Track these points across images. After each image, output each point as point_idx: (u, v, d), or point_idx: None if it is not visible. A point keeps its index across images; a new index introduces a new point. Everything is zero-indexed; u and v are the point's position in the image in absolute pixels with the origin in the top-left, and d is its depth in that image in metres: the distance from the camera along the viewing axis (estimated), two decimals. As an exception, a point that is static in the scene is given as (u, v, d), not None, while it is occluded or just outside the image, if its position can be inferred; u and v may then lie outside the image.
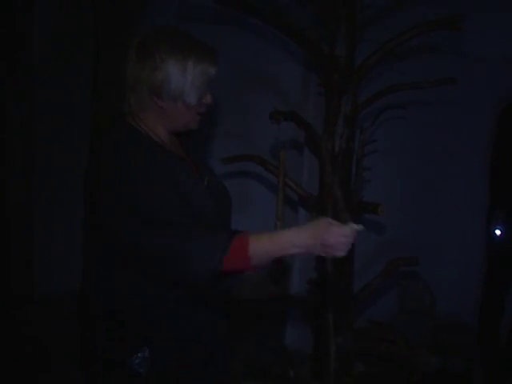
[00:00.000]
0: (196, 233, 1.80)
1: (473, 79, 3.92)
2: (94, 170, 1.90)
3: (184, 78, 1.88)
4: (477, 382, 3.91)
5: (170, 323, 1.92)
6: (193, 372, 1.99)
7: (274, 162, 3.14)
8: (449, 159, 4.20)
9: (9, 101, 3.19)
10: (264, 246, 1.79)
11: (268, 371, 3.63)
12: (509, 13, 3.92)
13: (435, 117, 4.11)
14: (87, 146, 3.34)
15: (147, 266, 1.84)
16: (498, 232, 4.05)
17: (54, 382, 3.29)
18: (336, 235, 1.77)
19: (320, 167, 3.19)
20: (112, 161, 1.85)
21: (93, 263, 1.97)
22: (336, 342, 3.09)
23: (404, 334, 3.90)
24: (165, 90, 1.88)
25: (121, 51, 1.98)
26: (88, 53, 3.42)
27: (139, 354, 1.88)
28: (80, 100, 3.46)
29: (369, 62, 3.10)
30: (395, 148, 3.99)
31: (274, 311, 3.87)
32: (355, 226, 1.81)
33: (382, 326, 4.02)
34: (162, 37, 1.89)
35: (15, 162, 3.26)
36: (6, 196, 3.28)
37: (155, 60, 1.86)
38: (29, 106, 3.25)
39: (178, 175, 1.91)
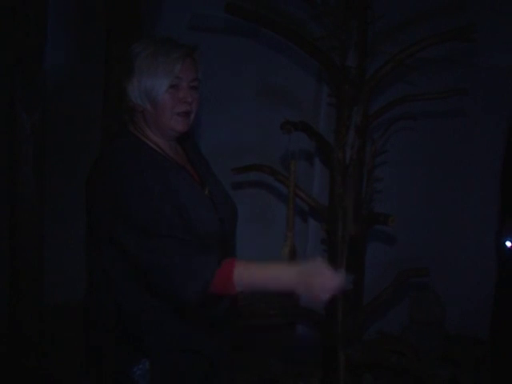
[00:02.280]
0: (187, 251, 1.80)
1: (484, 90, 3.92)
2: (93, 180, 1.92)
3: (147, 76, 1.92)
4: (488, 394, 3.89)
5: (171, 335, 1.92)
6: (194, 383, 1.99)
7: (285, 172, 3.14)
8: (460, 170, 4.19)
9: (21, 110, 3.21)
10: (250, 274, 1.79)
11: (277, 382, 3.62)
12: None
13: (446, 128, 4.10)
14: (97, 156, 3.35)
15: (143, 278, 1.85)
16: (508, 244, 4.03)
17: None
18: (324, 276, 1.75)
19: (331, 178, 3.19)
20: (109, 171, 1.88)
21: (94, 273, 1.98)
22: (346, 353, 3.08)
23: (414, 345, 3.88)
24: (135, 92, 1.94)
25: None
26: (99, 66, 3.44)
27: (140, 366, 1.89)
28: (90, 110, 3.47)
29: (380, 72, 3.10)
30: (406, 159, 3.98)
31: (283, 322, 3.86)
32: (345, 275, 1.79)
33: (392, 337, 4.01)
34: (136, 46, 1.97)
35: (25, 169, 3.28)
36: (15, 204, 3.29)
37: (128, 66, 1.94)
38: (40, 116, 3.27)
39: (176, 183, 1.92)
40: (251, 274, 1.79)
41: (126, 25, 3.42)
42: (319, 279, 1.75)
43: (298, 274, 1.77)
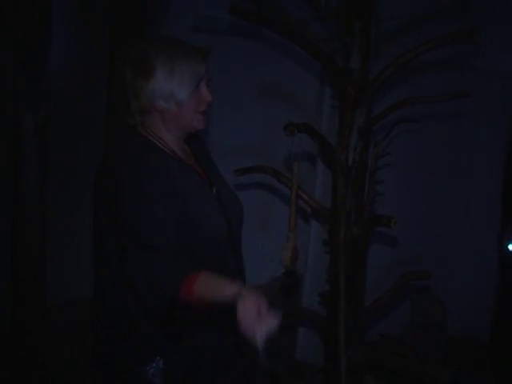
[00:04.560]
0: (160, 263, 1.79)
1: (487, 93, 3.92)
2: (99, 182, 1.93)
3: (171, 78, 1.93)
4: (489, 397, 3.89)
5: (184, 333, 1.92)
6: (207, 382, 2.00)
7: (288, 173, 3.15)
8: (462, 173, 4.19)
9: (25, 110, 3.22)
10: (207, 287, 1.77)
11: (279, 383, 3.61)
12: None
13: (449, 131, 4.10)
14: (101, 157, 3.35)
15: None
16: (510, 247, 4.03)
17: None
18: (249, 308, 1.69)
19: (333, 180, 3.19)
20: (114, 175, 1.89)
21: (104, 273, 1.98)
22: (347, 355, 3.08)
23: (415, 348, 3.88)
24: (156, 93, 1.94)
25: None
26: (103, 66, 3.44)
27: (153, 365, 1.89)
28: (94, 112, 3.48)
29: (383, 75, 3.10)
30: (409, 161, 3.98)
31: (285, 323, 3.86)
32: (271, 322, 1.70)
33: (393, 339, 4.01)
34: (150, 46, 1.97)
35: (29, 169, 3.29)
36: (18, 204, 3.30)
37: (145, 68, 1.94)
38: (44, 116, 3.28)
39: (183, 183, 1.93)
40: (208, 287, 1.77)
41: (129, 25, 3.42)
42: (243, 307, 1.68)
43: (236, 293, 1.71)
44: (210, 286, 1.77)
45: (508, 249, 4.00)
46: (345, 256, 3.08)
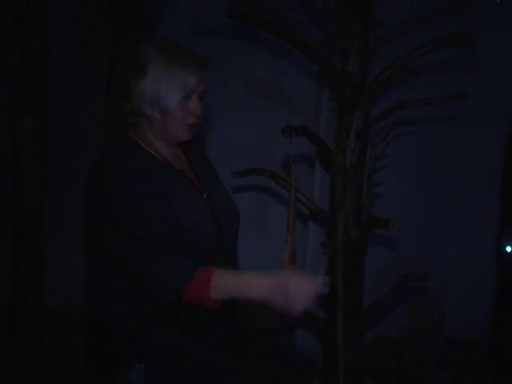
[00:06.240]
0: (165, 255, 1.78)
1: (485, 96, 3.92)
2: (88, 183, 1.93)
3: (159, 83, 1.89)
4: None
5: (166, 338, 1.91)
6: None
7: (286, 176, 3.15)
8: (460, 175, 4.19)
9: (23, 112, 3.23)
10: (226, 282, 1.76)
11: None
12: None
13: (447, 133, 4.11)
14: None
15: (131, 282, 1.86)
16: (509, 249, 4.04)
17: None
18: (298, 280, 1.73)
19: (331, 182, 3.20)
20: (100, 175, 1.88)
21: (91, 276, 1.99)
22: (345, 357, 3.08)
23: (414, 349, 3.88)
24: (144, 96, 1.91)
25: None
26: (101, 67, 3.45)
27: (135, 369, 1.89)
28: (93, 112, 3.49)
29: (381, 77, 3.11)
30: (406, 163, 3.99)
31: (283, 326, 3.86)
32: (319, 278, 1.76)
33: (391, 341, 4.01)
34: (149, 47, 1.94)
35: (27, 171, 3.29)
36: (17, 205, 3.30)
37: (138, 69, 1.91)
38: (42, 118, 3.28)
39: (170, 188, 1.91)
40: (226, 282, 1.76)
41: (128, 27, 3.43)
42: (293, 284, 1.72)
43: (272, 284, 1.74)
44: (231, 282, 1.77)
45: (506, 250, 4.01)
46: (343, 258, 3.09)
